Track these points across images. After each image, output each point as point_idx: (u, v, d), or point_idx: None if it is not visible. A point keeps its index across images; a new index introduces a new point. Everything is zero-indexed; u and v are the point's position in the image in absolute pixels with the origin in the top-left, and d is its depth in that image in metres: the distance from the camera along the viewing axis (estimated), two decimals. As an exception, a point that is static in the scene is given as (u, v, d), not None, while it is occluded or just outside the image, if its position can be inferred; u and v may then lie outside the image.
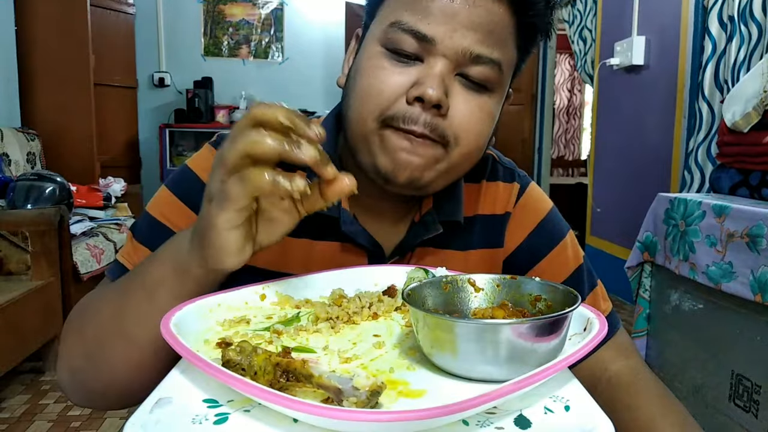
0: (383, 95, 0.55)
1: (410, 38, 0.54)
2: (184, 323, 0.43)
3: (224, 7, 4.98)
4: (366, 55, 0.58)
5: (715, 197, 1.64)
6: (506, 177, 0.72)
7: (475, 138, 0.58)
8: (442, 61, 0.54)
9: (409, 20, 0.54)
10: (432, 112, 0.54)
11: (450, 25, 0.54)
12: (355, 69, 0.59)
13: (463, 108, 0.56)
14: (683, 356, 1.65)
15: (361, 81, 0.57)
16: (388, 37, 0.56)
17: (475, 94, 0.57)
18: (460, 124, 0.56)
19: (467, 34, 0.54)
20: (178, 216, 0.62)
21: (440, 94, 0.53)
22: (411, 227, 0.66)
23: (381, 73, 0.56)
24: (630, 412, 0.60)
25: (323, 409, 0.29)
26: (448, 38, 0.54)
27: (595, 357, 0.66)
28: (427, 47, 0.54)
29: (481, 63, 0.55)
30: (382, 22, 0.57)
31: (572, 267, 0.70)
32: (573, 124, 7.58)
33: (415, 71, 0.55)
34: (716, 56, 2.36)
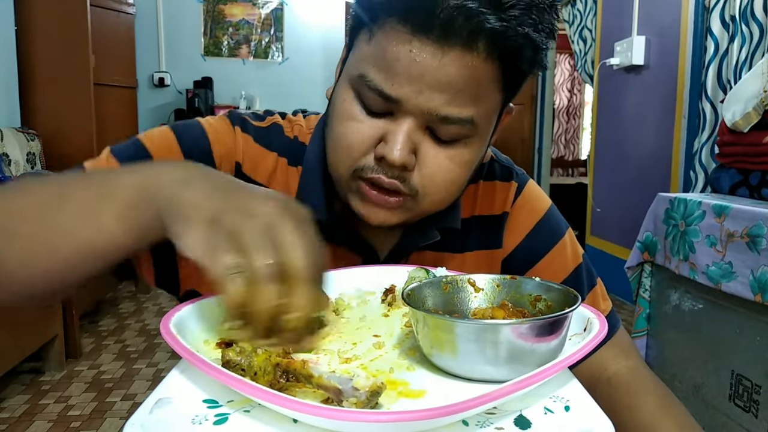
0: (353, 149, 0.54)
1: (376, 96, 0.52)
2: (184, 323, 0.43)
3: (224, 7, 4.97)
4: (340, 95, 0.56)
5: (715, 197, 1.64)
6: (503, 176, 0.71)
7: (444, 189, 0.56)
8: (409, 119, 0.52)
9: (374, 78, 0.52)
10: (398, 169, 0.53)
11: (415, 86, 0.50)
12: (333, 102, 0.58)
13: (432, 162, 0.54)
14: (683, 356, 1.65)
15: (335, 127, 0.56)
16: (357, 88, 0.54)
17: (447, 147, 0.55)
18: (428, 177, 0.55)
19: (433, 96, 0.50)
20: (169, 158, 0.59)
21: (404, 155, 0.52)
22: (406, 232, 0.65)
23: (351, 125, 0.54)
24: (630, 413, 0.60)
25: (323, 410, 0.29)
26: (413, 99, 0.51)
27: (595, 357, 0.66)
28: (393, 107, 0.52)
29: (450, 123, 0.52)
30: (354, 67, 0.55)
31: (571, 267, 0.70)
32: (573, 124, 7.59)
33: (383, 126, 0.53)
34: (719, 56, 2.36)
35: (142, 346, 2.60)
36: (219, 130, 0.63)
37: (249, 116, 0.66)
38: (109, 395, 2.12)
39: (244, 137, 0.64)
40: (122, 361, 2.42)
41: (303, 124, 0.68)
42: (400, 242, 0.65)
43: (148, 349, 2.56)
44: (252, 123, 0.65)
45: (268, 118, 0.67)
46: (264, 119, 0.67)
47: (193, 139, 0.61)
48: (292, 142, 0.66)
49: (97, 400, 2.07)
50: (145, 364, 2.40)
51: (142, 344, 2.62)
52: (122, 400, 2.08)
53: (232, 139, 0.63)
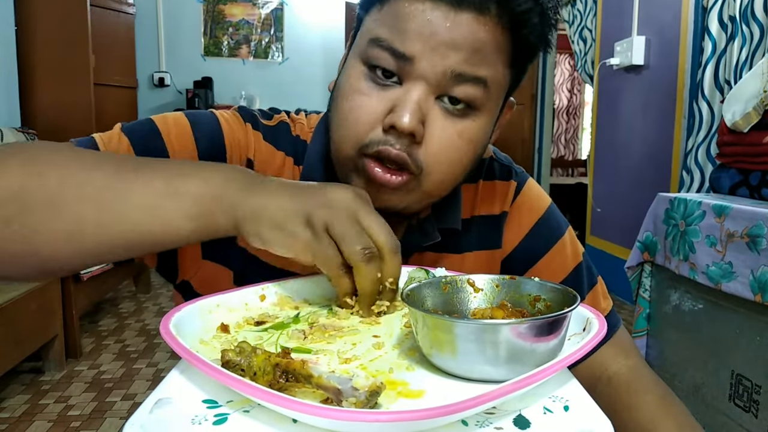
0: (360, 123, 0.54)
1: (388, 56, 0.52)
2: (184, 323, 0.43)
3: (224, 7, 4.98)
4: (348, 73, 0.57)
5: (715, 197, 1.64)
6: (503, 175, 0.71)
7: (448, 167, 0.56)
8: (420, 84, 0.52)
9: (387, 37, 0.52)
10: (406, 140, 0.53)
11: (428, 44, 0.51)
12: (339, 84, 0.58)
13: (440, 135, 0.54)
14: (683, 356, 1.65)
15: (342, 104, 0.56)
16: (368, 54, 0.54)
17: (456, 119, 0.54)
18: (434, 152, 0.54)
19: (448, 53, 0.51)
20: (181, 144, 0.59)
21: (414, 123, 0.51)
22: (407, 232, 0.65)
23: (359, 99, 0.54)
24: (630, 412, 0.60)
25: (323, 409, 0.29)
26: (427, 58, 0.51)
27: (596, 356, 0.66)
28: (405, 67, 0.52)
29: (464, 82, 0.52)
30: (364, 36, 0.55)
31: (571, 266, 0.69)
32: (573, 124, 7.59)
33: (393, 95, 0.53)
34: (716, 56, 2.36)
35: (142, 346, 2.60)
36: (232, 124, 0.63)
37: (258, 114, 0.67)
38: (109, 395, 2.12)
39: (255, 134, 0.64)
40: (122, 361, 2.42)
41: (305, 122, 0.68)
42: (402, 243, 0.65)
43: (148, 349, 2.57)
44: (261, 121, 0.66)
45: (275, 116, 0.67)
46: (272, 117, 0.67)
47: (206, 128, 0.61)
48: (296, 141, 0.66)
49: (97, 400, 2.07)
50: (145, 364, 2.40)
51: (142, 344, 2.62)
52: (122, 400, 2.09)
53: (244, 134, 0.63)
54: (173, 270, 0.64)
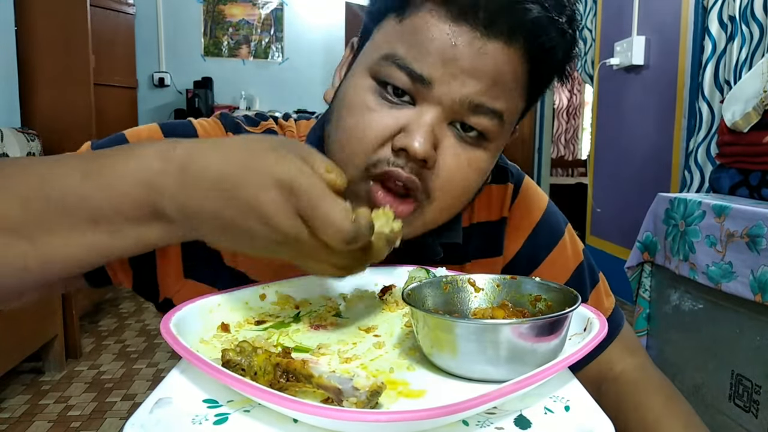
0: (367, 139, 0.50)
1: (404, 76, 0.49)
2: (184, 323, 0.43)
3: (224, 7, 4.98)
4: (354, 84, 0.53)
5: (715, 197, 1.64)
6: (499, 178, 0.68)
7: (455, 194, 0.53)
8: (435, 108, 0.49)
9: (405, 56, 0.49)
10: (417, 164, 0.50)
11: (450, 69, 0.48)
12: (342, 96, 0.54)
13: (452, 163, 0.51)
14: (683, 356, 1.65)
15: (347, 117, 0.52)
16: (380, 70, 0.50)
17: (468, 147, 0.52)
18: (444, 179, 0.51)
19: (468, 81, 0.48)
20: None
21: (428, 148, 0.48)
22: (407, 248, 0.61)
23: (367, 115, 0.50)
24: (637, 411, 0.60)
25: (323, 409, 0.29)
26: (446, 84, 0.48)
27: (602, 355, 0.65)
28: (421, 89, 0.49)
29: (481, 113, 0.50)
30: (376, 50, 0.52)
31: (572, 267, 0.69)
32: (573, 124, 7.58)
33: (405, 115, 0.50)
34: (716, 56, 2.36)
35: (142, 346, 2.60)
36: (211, 132, 0.60)
37: (242, 120, 0.64)
38: (109, 395, 2.12)
39: None
40: (122, 361, 2.42)
41: (294, 129, 0.65)
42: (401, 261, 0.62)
43: (148, 349, 2.56)
44: (245, 128, 0.62)
45: (261, 123, 0.64)
46: (258, 124, 0.64)
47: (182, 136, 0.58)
48: None
49: (97, 400, 2.07)
50: (145, 364, 2.40)
51: (142, 344, 2.62)
52: (122, 400, 2.08)
53: None
54: (153, 289, 0.60)
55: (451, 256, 0.64)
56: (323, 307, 0.52)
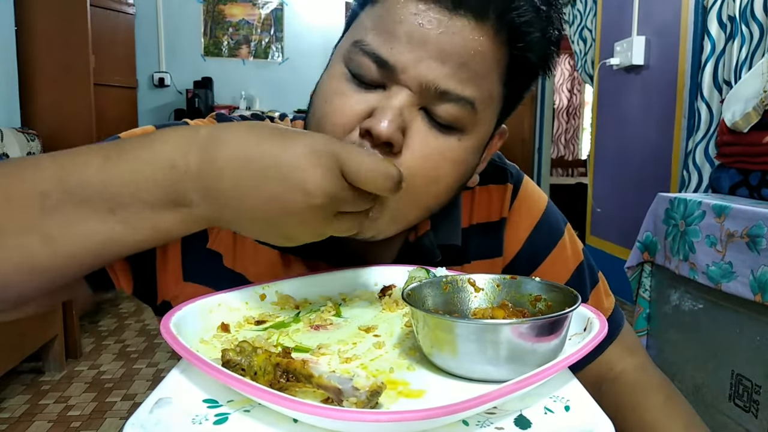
0: (336, 125, 0.49)
1: (370, 62, 0.48)
2: (184, 323, 0.43)
3: (224, 7, 4.98)
4: (328, 74, 0.53)
5: (715, 197, 1.64)
6: (497, 178, 0.67)
7: (425, 184, 0.50)
8: (404, 92, 0.48)
9: (372, 42, 0.48)
10: (382, 150, 0.47)
11: (416, 53, 0.46)
12: (319, 84, 0.54)
13: (421, 149, 0.49)
14: (683, 356, 1.65)
15: (320, 105, 0.52)
16: (350, 57, 0.50)
17: (439, 134, 0.49)
18: (411, 165, 0.48)
19: (434, 65, 0.47)
20: None
21: (392, 130, 0.46)
22: (404, 247, 0.62)
23: (338, 100, 0.50)
24: (637, 412, 0.60)
25: (323, 409, 0.29)
26: (412, 68, 0.47)
27: (602, 356, 0.65)
28: (388, 75, 0.48)
29: (449, 100, 0.48)
30: (349, 37, 0.52)
31: (572, 267, 0.68)
32: (573, 124, 7.58)
33: (374, 99, 0.49)
34: (715, 56, 2.36)
35: (142, 346, 2.60)
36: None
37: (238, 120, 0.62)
38: (109, 395, 2.12)
39: None
40: (122, 361, 2.42)
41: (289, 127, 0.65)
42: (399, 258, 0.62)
43: (148, 349, 2.56)
44: None
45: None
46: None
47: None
48: None
49: (97, 400, 2.07)
50: (145, 364, 2.40)
51: (142, 344, 2.62)
52: (122, 400, 2.08)
53: None
54: (152, 292, 0.59)
55: (450, 258, 0.63)
56: (323, 307, 0.51)
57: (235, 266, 0.59)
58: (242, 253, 0.59)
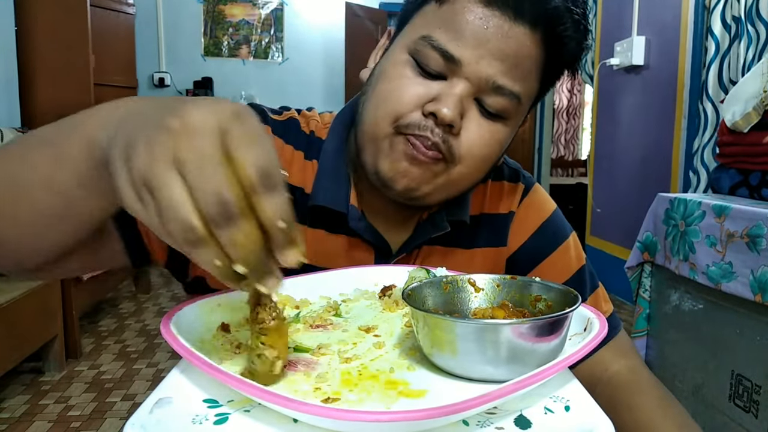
0: (401, 102, 0.56)
1: (438, 56, 0.55)
2: (185, 323, 0.43)
3: (224, 7, 4.98)
4: (392, 60, 0.59)
5: (715, 197, 1.64)
6: (511, 177, 0.73)
7: (479, 161, 0.59)
8: (464, 83, 0.55)
9: (440, 38, 0.55)
10: (444, 129, 0.55)
11: (479, 51, 0.54)
12: (379, 70, 0.60)
13: (475, 131, 0.57)
14: (683, 356, 1.65)
15: (383, 84, 0.58)
16: (417, 49, 0.56)
17: (489, 121, 0.58)
18: (468, 145, 0.57)
19: (493, 63, 0.55)
20: None
21: (455, 114, 0.54)
22: (418, 226, 0.67)
23: (403, 81, 0.57)
24: (630, 413, 0.60)
25: (323, 409, 0.29)
26: (474, 63, 0.54)
27: (596, 357, 0.66)
28: (452, 67, 0.55)
29: (501, 94, 0.56)
30: (414, 32, 0.58)
31: (574, 268, 0.70)
32: (573, 124, 7.58)
33: (437, 87, 0.56)
34: (720, 56, 2.36)
35: (142, 346, 2.60)
36: None
37: (267, 110, 0.68)
38: (109, 395, 2.12)
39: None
40: (122, 361, 2.42)
41: (318, 119, 0.70)
42: (413, 235, 0.67)
43: (148, 349, 2.56)
44: (270, 116, 0.67)
45: (285, 112, 0.69)
46: (281, 113, 0.69)
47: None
48: (308, 137, 0.67)
49: (97, 400, 2.07)
50: (145, 364, 2.40)
51: (142, 344, 2.62)
52: (122, 400, 2.08)
53: None
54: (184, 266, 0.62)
55: (459, 240, 0.68)
56: (323, 307, 0.52)
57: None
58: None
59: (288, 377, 0.38)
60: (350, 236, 0.65)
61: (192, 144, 0.30)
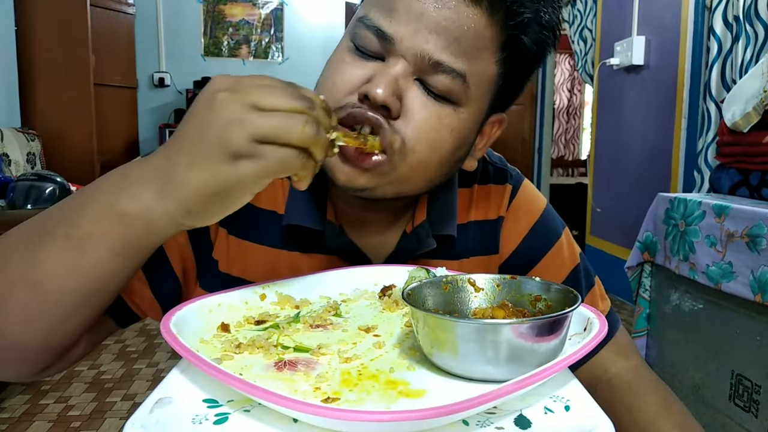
0: (336, 89, 0.54)
1: (371, 35, 0.52)
2: (184, 323, 0.43)
3: (224, 7, 4.97)
4: (337, 47, 0.57)
5: (715, 197, 1.64)
6: (498, 179, 0.69)
7: (427, 148, 0.53)
8: (401, 62, 0.51)
9: (374, 17, 0.52)
10: (380, 113, 0.51)
11: (413, 25, 0.50)
12: (327, 60, 0.58)
13: (420, 113, 0.52)
14: (683, 356, 1.65)
15: (325, 73, 0.57)
16: (355, 32, 0.54)
17: (436, 103, 0.53)
18: (413, 127, 0.52)
19: (429, 37, 0.50)
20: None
21: (388, 94, 0.50)
22: (402, 238, 0.64)
23: (340, 67, 0.54)
24: (631, 413, 0.60)
25: (323, 409, 0.29)
26: (408, 39, 0.50)
27: (596, 358, 0.66)
28: (387, 46, 0.51)
29: (442, 71, 0.51)
30: (356, 15, 0.56)
31: (569, 268, 0.69)
32: (573, 124, 7.58)
33: (372, 67, 0.52)
34: (722, 56, 2.35)
35: (142, 346, 2.60)
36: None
37: None
38: (109, 395, 2.12)
39: None
40: (122, 361, 2.42)
41: None
42: (397, 248, 0.63)
43: (148, 349, 2.56)
44: None
45: None
46: None
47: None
48: None
49: (97, 400, 2.07)
50: (145, 364, 2.40)
51: (142, 344, 2.62)
52: (122, 400, 2.08)
53: None
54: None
55: (447, 252, 0.65)
56: (323, 307, 0.51)
57: (231, 270, 0.61)
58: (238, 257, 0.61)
59: (288, 377, 0.38)
60: (328, 254, 0.62)
61: (245, 90, 0.41)
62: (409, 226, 0.64)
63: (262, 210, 0.62)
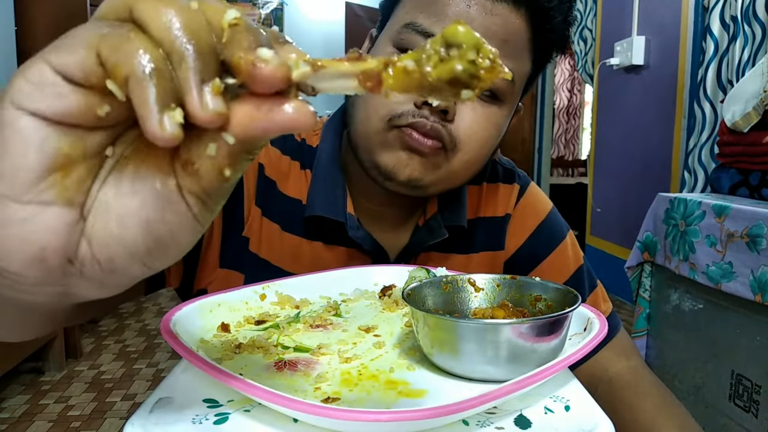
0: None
1: (422, 40, 0.53)
2: (185, 323, 0.43)
3: (224, 7, 4.97)
4: (377, 53, 0.58)
5: (715, 197, 1.64)
6: (506, 178, 0.72)
7: (477, 146, 0.57)
8: None
9: (423, 22, 0.54)
10: (438, 117, 0.54)
11: None
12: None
13: (470, 116, 0.56)
14: (683, 356, 1.65)
15: None
16: (401, 38, 0.55)
17: (484, 104, 0.57)
18: (464, 131, 0.56)
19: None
20: None
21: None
22: (415, 231, 0.66)
23: None
24: (630, 413, 0.60)
25: (323, 409, 0.29)
26: None
27: (596, 358, 0.66)
28: None
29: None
30: (397, 23, 0.57)
31: (572, 268, 0.70)
32: (573, 124, 7.58)
33: None
34: (718, 56, 2.36)
35: (142, 346, 2.60)
36: None
37: None
38: (109, 395, 2.12)
39: None
40: (122, 361, 2.42)
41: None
42: (410, 241, 0.66)
43: (148, 349, 2.56)
44: None
45: None
46: None
47: None
48: (301, 146, 0.66)
49: (97, 400, 2.07)
50: (145, 364, 2.40)
51: (142, 344, 2.62)
52: (122, 400, 2.08)
53: None
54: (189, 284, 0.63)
55: (457, 245, 0.67)
56: (323, 307, 0.52)
57: (260, 251, 0.62)
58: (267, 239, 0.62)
59: (288, 377, 0.38)
60: (347, 247, 0.64)
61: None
62: (422, 219, 0.66)
63: (289, 198, 0.63)
